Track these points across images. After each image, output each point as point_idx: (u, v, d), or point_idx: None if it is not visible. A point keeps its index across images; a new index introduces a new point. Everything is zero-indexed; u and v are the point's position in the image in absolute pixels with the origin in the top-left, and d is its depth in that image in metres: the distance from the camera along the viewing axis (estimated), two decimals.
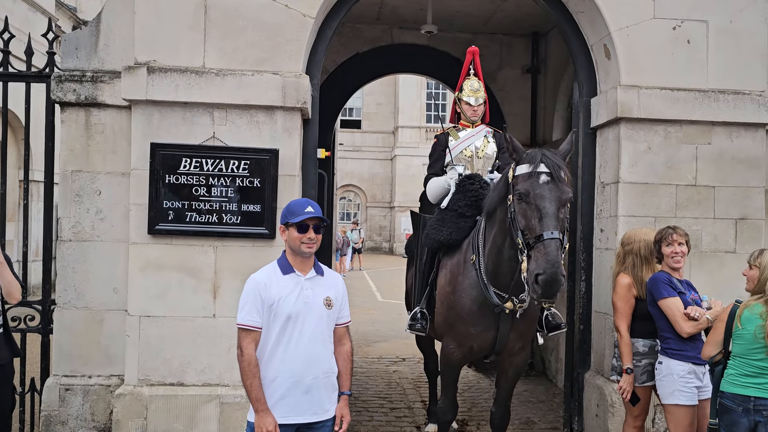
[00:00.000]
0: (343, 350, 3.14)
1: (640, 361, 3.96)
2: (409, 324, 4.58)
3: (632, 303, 3.96)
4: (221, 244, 4.45)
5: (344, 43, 7.71)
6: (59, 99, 4.58)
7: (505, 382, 4.36)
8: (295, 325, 2.94)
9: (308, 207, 3.00)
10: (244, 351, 2.93)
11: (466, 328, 4.15)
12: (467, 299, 4.13)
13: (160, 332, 4.41)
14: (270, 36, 4.49)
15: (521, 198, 3.47)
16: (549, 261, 3.22)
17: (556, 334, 4.43)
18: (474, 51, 4.99)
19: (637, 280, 3.98)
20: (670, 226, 3.96)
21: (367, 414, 5.98)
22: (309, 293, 2.99)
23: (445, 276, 4.35)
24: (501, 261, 3.90)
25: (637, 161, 4.73)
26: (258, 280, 2.99)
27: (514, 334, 4.12)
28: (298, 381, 2.94)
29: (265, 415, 2.88)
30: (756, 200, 4.80)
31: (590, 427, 4.91)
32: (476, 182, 4.45)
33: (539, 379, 7.40)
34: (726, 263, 4.69)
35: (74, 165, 4.61)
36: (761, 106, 4.76)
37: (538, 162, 3.47)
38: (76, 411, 4.55)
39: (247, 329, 2.94)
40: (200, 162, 4.41)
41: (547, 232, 3.29)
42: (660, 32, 4.73)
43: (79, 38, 4.68)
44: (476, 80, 4.90)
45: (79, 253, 4.59)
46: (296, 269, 3.03)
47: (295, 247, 3.00)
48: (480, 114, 4.89)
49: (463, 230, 4.35)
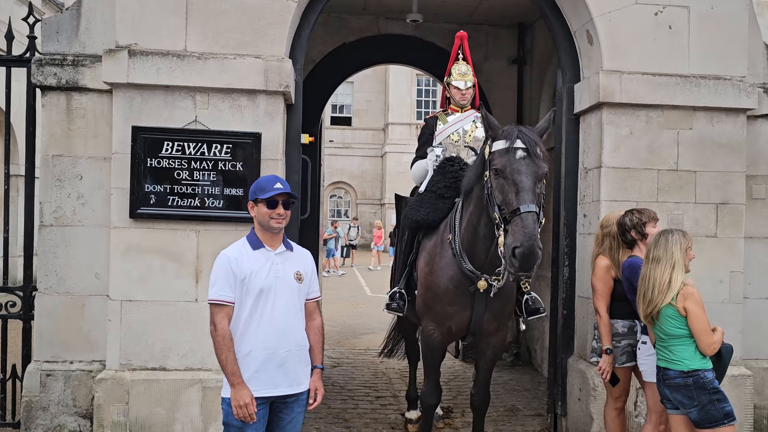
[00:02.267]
0: (313, 325, 3.16)
1: (620, 342, 3.98)
2: (386, 304, 4.59)
3: (611, 284, 3.99)
4: (203, 228, 4.44)
5: (330, 33, 7.70)
6: (40, 83, 4.55)
7: (484, 363, 4.37)
8: (267, 299, 2.95)
9: (277, 183, 3.01)
10: (217, 326, 2.93)
11: (443, 308, 4.16)
12: (444, 278, 4.14)
13: (141, 317, 4.39)
14: (252, 20, 4.48)
15: (498, 173, 3.50)
16: (526, 234, 3.23)
17: (536, 318, 4.45)
18: (462, 35, 5.00)
19: (614, 262, 4.00)
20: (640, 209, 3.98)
21: (352, 402, 5.99)
22: (280, 268, 3.01)
23: (424, 258, 4.36)
24: (476, 239, 3.92)
25: (619, 146, 4.75)
26: (229, 255, 3.00)
27: (489, 314, 4.14)
28: (272, 354, 2.95)
29: (241, 388, 2.89)
30: (736, 185, 4.84)
31: (573, 411, 4.94)
32: (456, 164, 4.47)
33: (525, 369, 7.44)
34: (707, 247, 4.72)
35: (55, 149, 4.58)
36: (742, 92, 4.79)
37: (515, 138, 3.50)
38: (57, 396, 4.53)
39: (220, 304, 2.95)
40: (182, 146, 4.40)
41: (524, 206, 3.31)
42: (642, 18, 4.76)
43: (59, 22, 4.64)
44: (464, 64, 4.90)
45: (61, 238, 4.56)
46: (266, 244, 3.04)
47: (264, 222, 3.01)
48: (469, 98, 4.89)
49: (441, 211, 4.36)
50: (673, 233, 3.47)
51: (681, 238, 3.45)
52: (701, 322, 3.37)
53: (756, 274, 5.09)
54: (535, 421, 5.49)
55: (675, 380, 3.38)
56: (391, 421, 5.48)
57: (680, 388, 3.37)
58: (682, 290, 3.38)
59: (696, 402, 3.34)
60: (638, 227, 3.89)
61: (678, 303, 3.37)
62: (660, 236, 3.49)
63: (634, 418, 4.58)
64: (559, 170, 5.19)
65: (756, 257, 5.08)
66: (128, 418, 4.31)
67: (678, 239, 3.43)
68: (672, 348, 3.41)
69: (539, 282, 7.25)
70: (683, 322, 3.38)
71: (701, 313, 3.39)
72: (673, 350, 3.40)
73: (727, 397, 3.42)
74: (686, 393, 3.36)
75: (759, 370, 5.07)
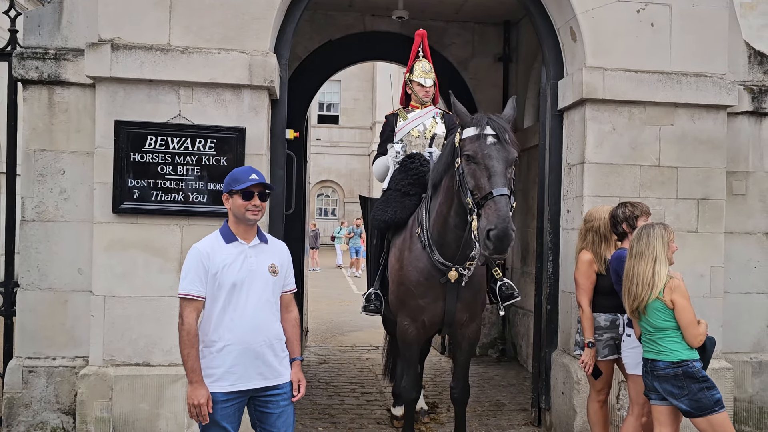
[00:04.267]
0: (290, 317, 3.13)
1: (602, 335, 4.02)
2: (363, 306, 4.61)
3: (593, 278, 4.02)
4: (187, 223, 4.42)
5: (316, 29, 7.69)
6: (21, 77, 4.51)
7: (461, 355, 4.40)
8: (241, 293, 2.92)
9: (252, 174, 2.96)
10: (184, 320, 2.88)
11: (416, 301, 4.19)
12: (414, 271, 4.18)
13: (125, 312, 4.36)
14: (237, 14, 4.47)
15: (469, 159, 3.54)
16: (500, 216, 3.26)
17: (511, 303, 4.50)
18: (422, 33, 5.07)
19: (597, 257, 4.04)
20: (633, 203, 4.02)
21: (338, 398, 5.99)
22: (253, 260, 2.97)
23: (394, 254, 4.41)
24: (447, 229, 3.96)
25: (602, 142, 4.79)
26: (200, 249, 2.94)
27: (461, 305, 4.17)
28: (247, 347, 2.92)
29: (199, 387, 2.85)
30: (717, 181, 4.90)
31: (557, 404, 4.97)
32: (416, 160, 4.54)
33: (510, 364, 7.48)
34: (688, 242, 4.77)
35: (37, 144, 4.54)
36: (722, 89, 4.85)
37: (485, 125, 3.55)
38: (39, 393, 4.49)
39: (189, 298, 2.90)
40: (166, 140, 4.37)
41: (497, 189, 3.35)
42: (624, 15, 4.80)
43: (41, 15, 4.60)
44: (426, 62, 4.99)
45: (43, 234, 4.52)
46: (239, 237, 2.99)
47: (240, 214, 2.96)
48: (431, 95, 4.98)
49: (408, 208, 4.42)
50: (654, 227, 3.51)
51: (662, 232, 3.48)
52: (688, 314, 3.42)
53: (736, 269, 5.17)
54: (520, 416, 5.53)
55: (664, 371, 3.42)
56: (377, 416, 5.50)
57: (670, 379, 3.41)
58: (668, 283, 3.42)
59: (686, 391, 3.38)
60: (630, 220, 3.92)
61: (665, 296, 3.41)
62: (642, 231, 3.53)
63: (617, 411, 4.63)
64: (543, 166, 5.22)
65: (736, 252, 5.15)
66: (112, 414, 4.28)
67: (659, 233, 3.47)
68: (660, 340, 3.45)
69: (524, 278, 7.30)
70: (671, 314, 3.42)
71: (688, 305, 3.43)
72: (662, 342, 3.44)
73: (715, 385, 3.47)
74: (676, 383, 3.40)
75: (739, 363, 5.14)
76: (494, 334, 7.84)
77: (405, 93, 5.11)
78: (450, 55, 7.82)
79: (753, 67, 5.27)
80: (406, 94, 5.08)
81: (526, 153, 6.83)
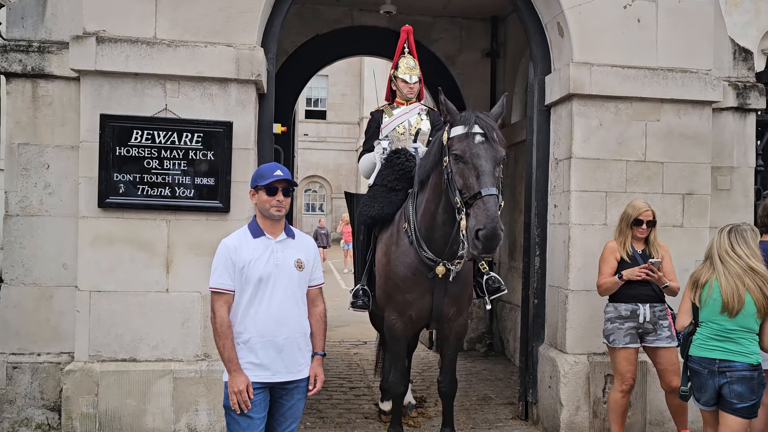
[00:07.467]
0: (316, 311, 3.18)
1: (623, 324, 4.14)
2: (351, 302, 4.61)
3: (614, 264, 4.22)
4: (174, 218, 4.39)
5: (304, 24, 7.66)
6: (4, 70, 4.46)
7: (448, 349, 4.42)
8: (267, 287, 2.98)
9: (277, 170, 3.03)
10: (216, 313, 2.96)
11: (403, 296, 4.20)
12: (401, 266, 4.19)
13: (111, 307, 4.33)
14: (223, 7, 4.43)
15: (458, 158, 3.53)
16: (489, 216, 3.27)
17: (498, 297, 4.53)
18: (408, 30, 5.07)
19: (620, 245, 4.25)
20: None
21: (326, 393, 5.98)
22: (279, 255, 3.03)
23: (381, 249, 4.41)
24: (434, 226, 3.97)
25: (589, 137, 4.81)
26: (228, 244, 3.02)
27: (448, 299, 4.19)
28: (271, 341, 2.97)
29: (238, 375, 2.92)
30: (702, 176, 4.94)
31: (544, 398, 5.01)
32: (402, 156, 4.55)
33: (498, 359, 7.51)
34: (674, 237, 4.81)
35: (21, 138, 4.48)
36: (708, 85, 4.89)
37: (473, 123, 3.54)
38: (24, 389, 4.45)
39: (219, 292, 2.98)
40: (152, 134, 4.34)
41: (485, 189, 3.35)
42: (611, 10, 4.82)
43: (25, 7, 4.54)
44: (411, 58, 4.99)
45: (27, 228, 4.48)
46: (266, 232, 3.06)
47: (265, 210, 3.03)
48: (416, 91, 4.99)
49: (394, 204, 4.43)
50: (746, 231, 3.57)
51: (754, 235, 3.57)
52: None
53: None
54: (507, 410, 5.56)
55: (742, 372, 3.41)
56: (365, 411, 5.50)
57: (746, 381, 3.41)
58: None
59: (755, 396, 3.42)
60: None
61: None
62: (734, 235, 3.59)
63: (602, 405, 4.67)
64: (531, 161, 5.24)
65: None
66: (98, 410, 4.25)
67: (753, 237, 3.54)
68: (742, 342, 3.44)
69: (511, 272, 7.33)
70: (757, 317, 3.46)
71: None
72: (744, 344, 3.44)
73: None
74: (749, 386, 3.40)
75: None
76: (482, 328, 7.87)
77: (390, 89, 5.11)
78: (438, 50, 7.82)
79: (738, 63, 5.32)
80: (392, 91, 5.08)
81: (513, 148, 6.85)
